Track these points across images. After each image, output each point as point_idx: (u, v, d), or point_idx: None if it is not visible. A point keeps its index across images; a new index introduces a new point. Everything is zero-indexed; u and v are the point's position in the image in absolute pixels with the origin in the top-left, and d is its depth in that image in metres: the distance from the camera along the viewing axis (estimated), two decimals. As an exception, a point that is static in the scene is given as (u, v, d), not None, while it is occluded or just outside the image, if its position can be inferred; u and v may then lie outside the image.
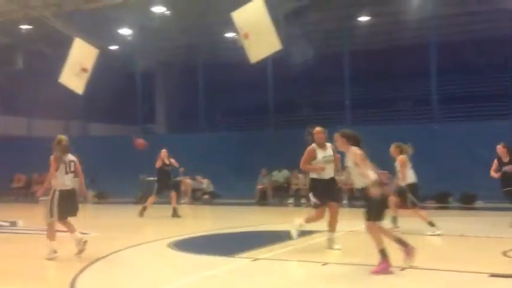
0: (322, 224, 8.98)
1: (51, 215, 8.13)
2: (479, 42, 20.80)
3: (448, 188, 17.82)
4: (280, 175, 19.62)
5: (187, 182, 19.95)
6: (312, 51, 21.88)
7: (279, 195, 19.53)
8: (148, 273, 7.22)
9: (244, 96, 25.13)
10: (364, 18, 21.89)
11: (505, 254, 7.96)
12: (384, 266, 6.70)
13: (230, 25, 14.53)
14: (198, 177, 20.17)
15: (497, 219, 13.80)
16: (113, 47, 23.98)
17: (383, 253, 6.75)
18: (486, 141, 18.48)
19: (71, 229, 8.24)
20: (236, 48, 15.75)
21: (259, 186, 19.33)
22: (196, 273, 7.07)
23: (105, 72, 17.11)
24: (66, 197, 8.16)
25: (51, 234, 8.17)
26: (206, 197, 19.80)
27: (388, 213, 10.74)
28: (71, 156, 8.29)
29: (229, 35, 21.49)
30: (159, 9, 21.10)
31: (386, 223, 8.01)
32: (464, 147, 18.02)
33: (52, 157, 8.13)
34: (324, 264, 7.43)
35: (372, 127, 20.28)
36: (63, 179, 8.16)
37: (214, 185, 20.28)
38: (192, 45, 24.20)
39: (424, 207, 12.18)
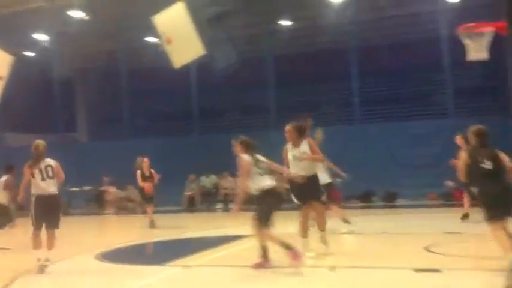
0: (248, 229, 9.01)
1: (32, 224, 7.81)
2: (398, 46, 21.65)
3: (372, 188, 18.43)
4: (208, 181, 19.55)
5: (111, 191, 19.45)
6: (236, 55, 21.99)
7: (208, 201, 19.44)
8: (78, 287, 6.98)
9: (168, 102, 24.90)
10: (286, 23, 22.25)
11: (427, 249, 8.29)
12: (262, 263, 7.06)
13: (152, 30, 14.35)
14: (130, 187, 19.61)
15: (418, 216, 14.41)
16: (30, 54, 23.04)
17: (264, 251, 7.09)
18: (405, 141, 19.38)
19: (37, 244, 7.82)
20: (159, 53, 15.55)
21: (187, 193, 19.17)
22: (129, 284, 6.90)
23: (21, 79, 16.40)
24: (42, 204, 7.78)
25: (34, 243, 7.80)
26: (132, 204, 19.29)
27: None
28: (48, 161, 7.90)
29: (152, 39, 21.19)
30: (77, 13, 20.51)
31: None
32: (385, 148, 18.71)
33: (25, 164, 7.80)
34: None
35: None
36: (39, 185, 7.77)
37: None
38: (113, 50, 23.67)
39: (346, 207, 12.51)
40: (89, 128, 27.16)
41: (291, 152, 8.14)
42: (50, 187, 7.85)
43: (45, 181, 7.81)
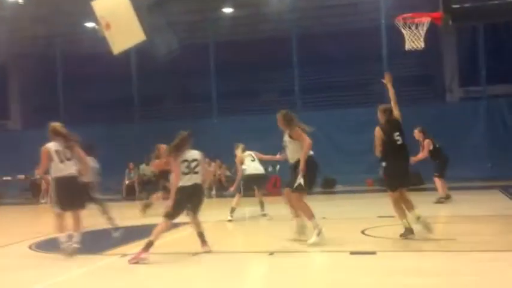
0: (188, 217, 8.95)
1: (54, 205, 7.78)
2: (338, 35, 21.94)
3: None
4: (148, 168, 19.26)
5: (48, 179, 18.85)
6: (177, 42, 21.66)
7: (147, 189, 19.16)
8: (12, 277, 6.74)
9: (107, 89, 24.31)
10: (228, 10, 22.12)
11: (363, 232, 8.50)
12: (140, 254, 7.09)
13: (90, 14, 13.93)
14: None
15: (355, 202, 14.75)
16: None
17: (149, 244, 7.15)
18: (344, 128, 19.75)
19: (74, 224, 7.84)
20: (97, 38, 15.14)
21: (126, 181, 18.83)
22: (63, 273, 6.73)
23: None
24: (63, 185, 7.71)
25: (58, 226, 7.76)
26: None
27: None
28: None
29: (90, 24, 20.61)
30: (11, -4, 19.73)
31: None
32: (324, 135, 18.98)
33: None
34: (194, 255, 7.43)
35: (238, 117, 20.66)
36: (57, 167, 7.74)
37: (78, 182, 19.37)
38: (49, 35, 22.86)
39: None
40: (23, 116, 26.22)
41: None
42: (71, 168, 7.83)
43: (64, 162, 7.77)
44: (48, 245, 8.81)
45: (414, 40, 10.10)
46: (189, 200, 7.46)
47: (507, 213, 10.40)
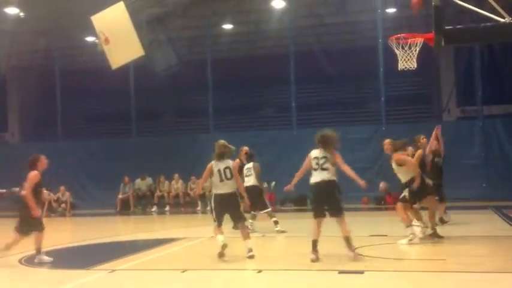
0: (180, 232, 8.95)
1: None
2: (335, 53, 22.07)
3: (306, 192, 18.62)
4: (143, 183, 19.27)
5: (43, 193, 18.82)
6: (176, 58, 21.81)
7: (142, 204, 19.15)
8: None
9: (105, 103, 24.43)
10: (227, 26, 22.28)
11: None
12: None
13: (90, 29, 14.02)
14: (62, 188, 19.03)
15: (349, 219, 14.65)
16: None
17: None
18: (341, 146, 19.69)
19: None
20: (96, 53, 15.21)
21: (121, 196, 18.80)
22: (48, 288, 6.71)
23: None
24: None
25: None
26: (63, 206, 18.73)
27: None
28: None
29: (89, 39, 20.74)
30: (12, 10, 19.86)
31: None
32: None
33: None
34: (183, 271, 7.40)
35: (235, 133, 20.68)
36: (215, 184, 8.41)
37: (72, 195, 19.31)
38: (49, 49, 22.99)
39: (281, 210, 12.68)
40: (21, 129, 26.25)
41: None
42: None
43: (223, 182, 8.18)
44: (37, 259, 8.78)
45: (407, 60, 10.16)
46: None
47: (499, 234, 10.37)
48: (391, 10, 20.21)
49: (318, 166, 7.93)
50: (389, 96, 20.06)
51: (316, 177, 7.93)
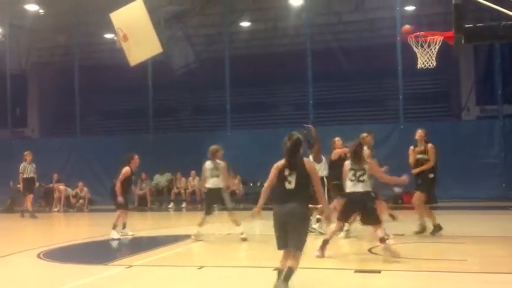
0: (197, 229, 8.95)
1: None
2: (353, 50, 21.93)
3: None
4: (162, 178, 19.34)
5: (60, 188, 19.05)
6: (193, 55, 21.86)
7: (159, 200, 19.23)
8: (14, 285, 6.80)
9: (123, 100, 24.58)
10: (245, 24, 22.29)
11: (370, 251, 8.43)
12: None
13: (109, 26, 14.11)
14: (80, 184, 19.19)
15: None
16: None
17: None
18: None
19: None
20: (115, 49, 15.31)
21: (138, 192, 18.90)
22: (66, 283, 6.77)
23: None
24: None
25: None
26: (81, 201, 18.87)
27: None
28: None
29: (108, 35, 20.89)
30: (32, 7, 20.08)
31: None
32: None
33: None
34: (199, 268, 7.43)
35: (252, 130, 20.71)
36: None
37: (90, 191, 19.46)
38: (68, 45, 23.22)
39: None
40: (41, 124, 26.54)
41: None
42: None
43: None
44: (57, 254, 8.89)
45: (426, 58, 10.07)
46: None
47: (519, 235, 10.26)
48: (409, 8, 20.04)
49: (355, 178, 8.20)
50: (408, 95, 19.88)
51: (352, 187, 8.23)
